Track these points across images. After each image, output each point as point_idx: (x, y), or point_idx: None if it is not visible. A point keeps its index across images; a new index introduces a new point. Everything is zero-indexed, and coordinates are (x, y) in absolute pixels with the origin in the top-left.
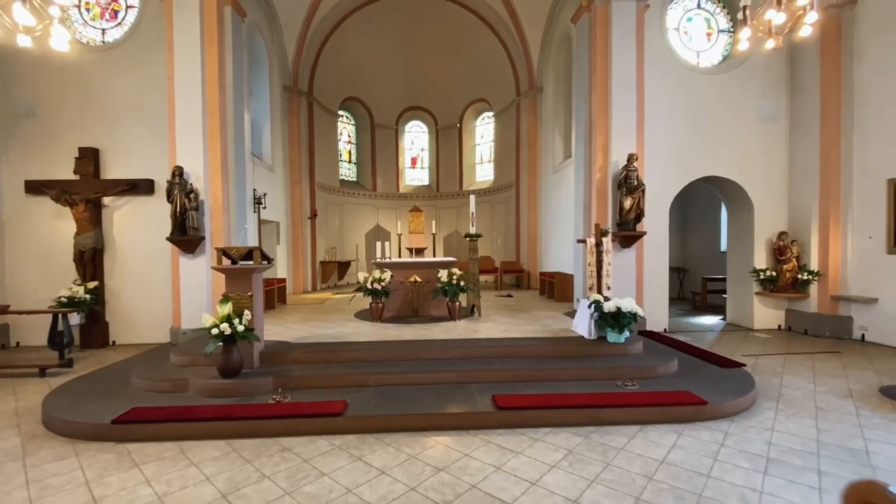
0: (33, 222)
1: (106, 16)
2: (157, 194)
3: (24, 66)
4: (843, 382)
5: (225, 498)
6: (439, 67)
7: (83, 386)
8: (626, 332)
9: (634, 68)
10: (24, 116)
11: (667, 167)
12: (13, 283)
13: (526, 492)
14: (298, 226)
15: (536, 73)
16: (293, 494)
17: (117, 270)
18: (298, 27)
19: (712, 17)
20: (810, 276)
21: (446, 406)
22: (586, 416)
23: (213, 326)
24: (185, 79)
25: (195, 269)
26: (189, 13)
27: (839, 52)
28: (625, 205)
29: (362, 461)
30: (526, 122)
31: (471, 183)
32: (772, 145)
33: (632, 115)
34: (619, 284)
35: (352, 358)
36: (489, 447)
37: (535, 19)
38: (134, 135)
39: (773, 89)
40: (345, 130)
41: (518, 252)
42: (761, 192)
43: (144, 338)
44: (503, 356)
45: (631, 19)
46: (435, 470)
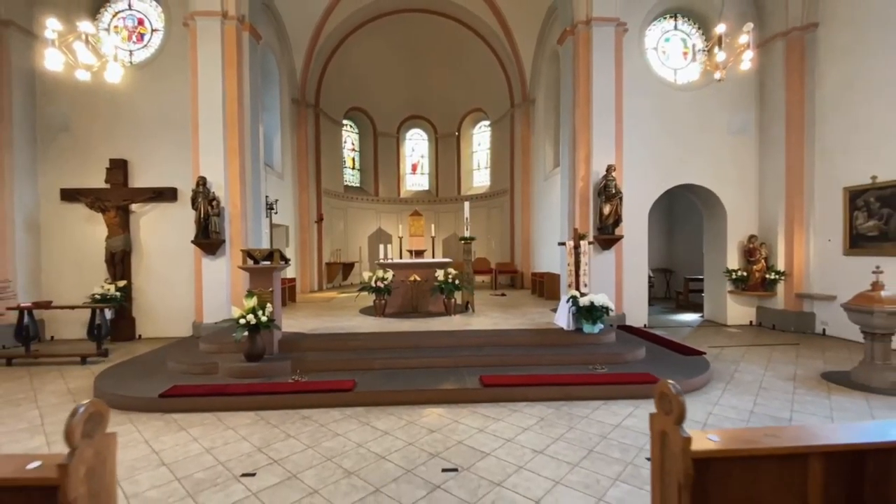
0: (68, 227)
1: (133, 38)
2: (180, 201)
3: (58, 84)
4: (791, 369)
5: (260, 451)
6: (438, 79)
7: (125, 370)
8: (600, 324)
9: (613, 87)
10: (60, 130)
11: (646, 175)
12: (49, 281)
13: (502, 446)
14: (306, 229)
15: (529, 86)
16: (314, 448)
17: (143, 270)
18: (306, 44)
19: (688, 38)
20: (777, 276)
21: (440, 384)
22: (559, 392)
23: (241, 317)
24: (208, 98)
25: (216, 269)
26: (211, 39)
27: (803, 72)
28: (604, 211)
29: (370, 426)
30: (520, 132)
31: (468, 188)
32: (743, 156)
33: (611, 130)
34: (600, 283)
35: (359, 346)
36: (475, 416)
37: (527, 37)
38: (158, 147)
39: (743, 105)
40: (349, 138)
41: (512, 254)
42: (733, 199)
43: (167, 331)
44: (491, 344)
45: (610, 42)
46: (429, 431)
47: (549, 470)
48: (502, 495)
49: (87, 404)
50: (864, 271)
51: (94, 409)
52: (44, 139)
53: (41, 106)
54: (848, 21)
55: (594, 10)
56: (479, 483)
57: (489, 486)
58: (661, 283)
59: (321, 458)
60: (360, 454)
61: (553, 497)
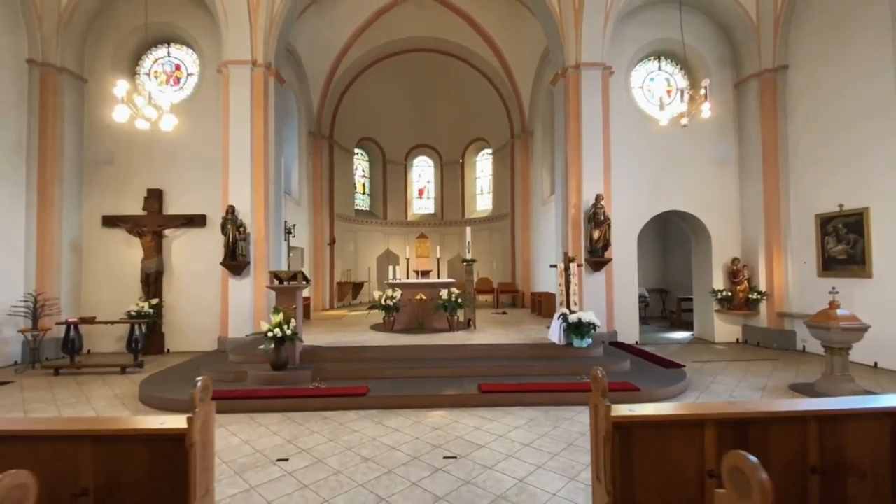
0: (107, 250)
1: (170, 82)
2: (208, 227)
3: (104, 123)
4: (764, 381)
5: (289, 442)
6: (443, 111)
7: (163, 378)
8: (588, 339)
9: (601, 124)
10: (104, 164)
11: (634, 202)
12: (88, 299)
13: (495, 440)
14: (319, 251)
15: (528, 119)
16: (335, 441)
17: (173, 289)
18: (322, 82)
19: (671, 77)
20: (759, 296)
21: (443, 390)
22: (548, 398)
23: (269, 331)
24: (237, 136)
25: (241, 289)
26: (242, 84)
27: (775, 108)
28: (594, 236)
29: (382, 424)
30: (519, 161)
31: (472, 212)
32: (724, 184)
33: (599, 163)
34: (592, 302)
35: (371, 357)
36: (473, 417)
37: (525, 74)
38: (190, 177)
39: (724, 137)
40: (360, 166)
41: (514, 274)
42: (717, 224)
43: (193, 346)
44: (490, 357)
45: (597, 84)
46: (432, 428)
47: (534, 458)
48: (493, 476)
49: (202, 379)
50: (840, 292)
51: (205, 383)
52: (89, 171)
53: (88, 142)
54: (812, 64)
55: (582, 56)
56: (473, 467)
57: (482, 469)
58: (657, 303)
59: (342, 448)
60: (374, 445)
61: (534, 477)
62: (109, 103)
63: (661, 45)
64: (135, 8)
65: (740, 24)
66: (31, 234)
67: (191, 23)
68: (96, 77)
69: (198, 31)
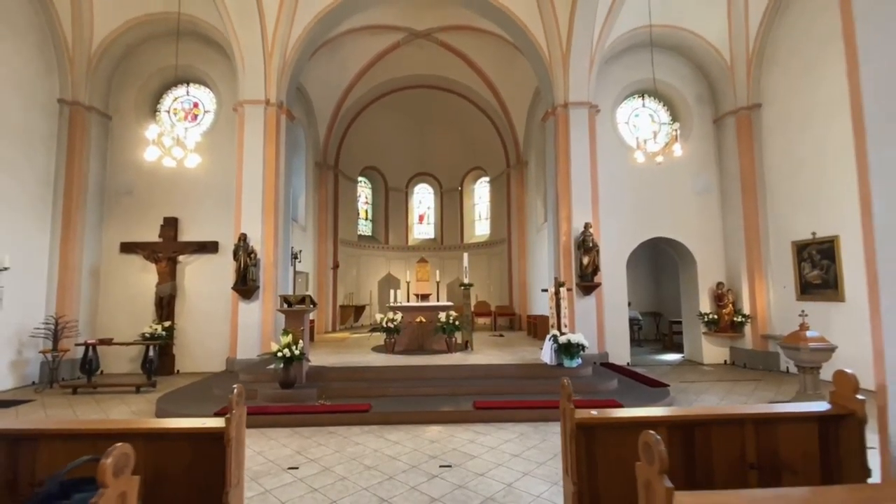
0: (124, 275)
1: (188, 118)
2: (220, 253)
3: (126, 156)
4: (744, 399)
5: (298, 453)
6: (443, 142)
7: (178, 396)
8: (578, 359)
9: (588, 158)
10: (124, 194)
11: (622, 229)
12: (103, 321)
13: (487, 451)
14: (324, 275)
15: (522, 150)
16: (340, 452)
17: (185, 312)
18: (329, 116)
19: (655, 113)
20: (743, 319)
21: (440, 407)
22: (538, 414)
23: (279, 351)
24: (251, 169)
25: (251, 312)
26: (256, 121)
27: (751, 143)
28: (584, 261)
29: (383, 437)
30: (515, 189)
31: (470, 237)
32: (707, 213)
33: (587, 193)
34: (583, 325)
35: (373, 377)
36: (468, 431)
37: (519, 109)
38: (204, 207)
39: (705, 169)
40: (363, 193)
41: (511, 298)
42: (702, 250)
43: (203, 367)
44: (485, 376)
45: (584, 121)
46: (430, 441)
47: (522, 467)
48: (484, 481)
49: (238, 386)
50: (814, 314)
51: (240, 390)
52: (110, 201)
53: (110, 174)
54: (783, 102)
55: (570, 96)
56: (466, 474)
57: (474, 476)
58: (650, 327)
59: (347, 458)
60: (376, 456)
61: (521, 482)
62: (131, 138)
63: (644, 85)
64: (157, 52)
65: (715, 65)
66: (54, 260)
67: (209, 65)
68: (120, 114)
69: (215, 72)
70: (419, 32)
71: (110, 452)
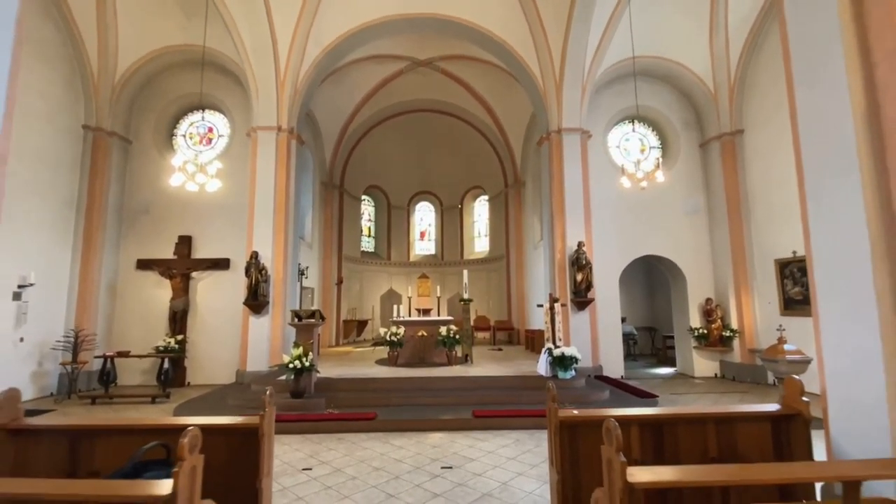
0: (139, 290)
1: (203, 142)
2: (231, 269)
3: (144, 177)
4: None
5: (311, 457)
6: (443, 161)
7: (194, 405)
8: (572, 371)
9: (581, 180)
10: (141, 213)
11: (614, 247)
12: (118, 335)
13: (485, 455)
14: (328, 290)
15: (520, 171)
16: (349, 455)
17: (197, 326)
18: (335, 139)
19: (644, 137)
20: (732, 333)
21: (441, 416)
22: (532, 422)
23: (290, 362)
24: (263, 192)
25: (260, 326)
26: (268, 145)
27: (735, 166)
28: (578, 278)
29: (389, 443)
30: (513, 208)
31: (470, 253)
32: (696, 231)
33: (580, 213)
34: (578, 339)
35: (377, 387)
36: (467, 437)
37: (516, 132)
38: (216, 225)
39: (693, 190)
40: (366, 211)
41: (509, 312)
42: (691, 268)
43: (213, 379)
44: (483, 387)
45: (577, 146)
46: (432, 446)
47: (516, 468)
48: (481, 480)
49: (269, 389)
50: (798, 329)
51: (272, 391)
52: (128, 220)
53: (128, 194)
54: (763, 128)
55: (563, 123)
56: (466, 474)
57: (473, 476)
58: (646, 341)
59: (355, 460)
60: (383, 458)
61: (515, 481)
62: (149, 160)
63: (634, 111)
64: (175, 80)
65: (700, 93)
66: (75, 277)
67: (224, 93)
68: (139, 138)
69: (229, 99)
70: (421, 61)
71: (187, 433)
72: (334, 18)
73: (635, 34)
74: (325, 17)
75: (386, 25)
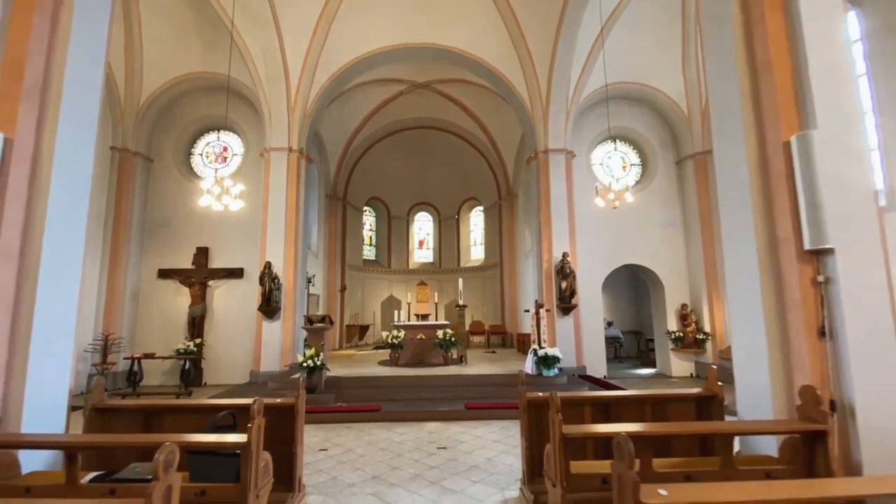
0: (160, 297)
1: (218, 160)
2: (244, 278)
3: (164, 193)
4: None
5: (325, 441)
6: (441, 174)
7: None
8: (555, 370)
9: (565, 196)
10: (162, 226)
11: (598, 257)
12: (141, 338)
13: (475, 438)
14: (332, 297)
15: (512, 184)
16: (358, 440)
17: (213, 330)
18: (339, 154)
19: (626, 155)
20: (705, 336)
21: (438, 408)
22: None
23: (304, 362)
24: (275, 207)
25: (273, 330)
26: (279, 164)
27: (707, 183)
28: (563, 286)
29: (392, 430)
30: (506, 219)
31: (466, 261)
32: (673, 242)
33: (565, 227)
34: (563, 341)
35: (381, 385)
36: (460, 426)
37: (509, 149)
38: (231, 238)
39: (670, 204)
40: (368, 221)
41: (503, 317)
42: (668, 275)
43: (228, 379)
44: (475, 384)
45: (562, 165)
46: (429, 433)
47: (500, 448)
48: (470, 456)
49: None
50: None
51: (303, 379)
52: (149, 232)
53: (150, 209)
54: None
55: (550, 144)
56: (458, 452)
57: (463, 454)
58: (632, 344)
59: (363, 443)
60: (387, 441)
61: (498, 457)
62: (170, 177)
63: (615, 131)
64: (193, 104)
65: (675, 115)
66: (103, 285)
67: (239, 115)
68: (160, 156)
69: (244, 121)
70: (420, 84)
71: (256, 401)
72: (341, 48)
73: (618, 62)
74: (332, 48)
75: (388, 54)
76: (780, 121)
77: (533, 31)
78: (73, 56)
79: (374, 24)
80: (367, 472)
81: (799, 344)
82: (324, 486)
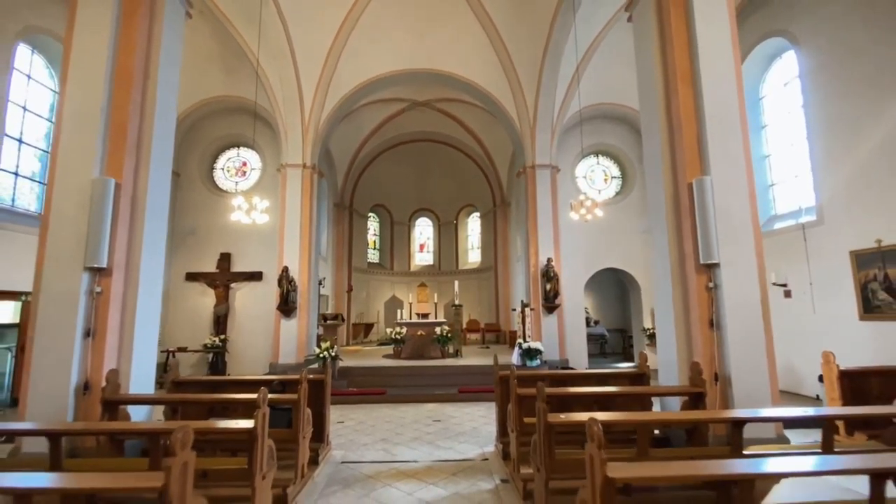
0: (186, 298)
1: (238, 174)
2: (264, 281)
3: (190, 203)
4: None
5: (341, 416)
6: (440, 183)
7: None
8: (538, 361)
9: (550, 207)
10: (188, 234)
11: (580, 260)
12: (170, 335)
13: (465, 415)
14: (340, 297)
15: (506, 193)
16: (368, 416)
17: (235, 327)
18: (346, 166)
19: (607, 169)
20: None
21: (434, 392)
22: None
23: (321, 353)
24: (291, 218)
25: (289, 326)
26: (294, 179)
27: None
28: (547, 287)
29: (396, 410)
30: (500, 225)
31: (464, 263)
32: (648, 248)
33: (550, 234)
34: (548, 337)
35: (386, 374)
36: (453, 406)
37: (503, 160)
38: (251, 244)
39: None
40: (372, 226)
41: (497, 316)
42: (644, 278)
43: (248, 371)
44: (468, 373)
45: (547, 179)
46: (427, 411)
47: (484, 421)
48: (460, 426)
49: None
50: None
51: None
52: (178, 240)
53: (178, 218)
54: None
55: (537, 160)
56: (450, 424)
57: (454, 425)
58: (618, 341)
59: (373, 418)
60: (392, 416)
61: (482, 427)
62: (195, 190)
63: (597, 147)
64: (215, 123)
65: None
66: None
67: (257, 134)
68: (186, 170)
69: (261, 139)
70: (420, 102)
71: (304, 370)
72: (350, 74)
73: (599, 86)
74: (342, 73)
75: (392, 77)
76: (687, 167)
77: (521, 60)
78: (158, 118)
79: (380, 53)
80: (377, 436)
81: (696, 333)
82: (344, 444)
